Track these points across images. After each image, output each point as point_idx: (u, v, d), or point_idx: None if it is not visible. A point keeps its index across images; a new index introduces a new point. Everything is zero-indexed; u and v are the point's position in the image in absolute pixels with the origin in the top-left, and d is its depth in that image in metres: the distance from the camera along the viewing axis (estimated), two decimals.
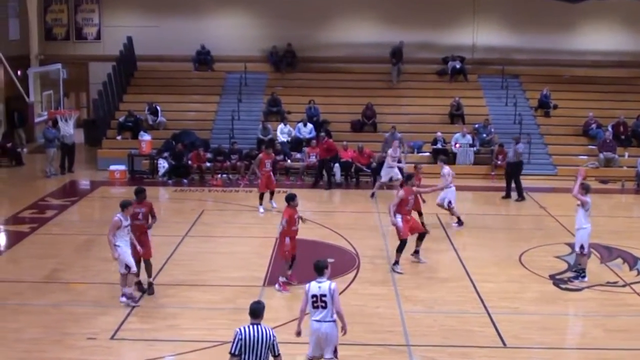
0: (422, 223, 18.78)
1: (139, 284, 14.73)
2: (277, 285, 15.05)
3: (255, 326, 9.13)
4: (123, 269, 13.96)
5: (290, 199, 15.20)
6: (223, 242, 18.92)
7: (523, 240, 19.34)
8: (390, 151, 23.80)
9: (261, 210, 21.46)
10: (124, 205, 14.04)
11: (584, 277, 15.98)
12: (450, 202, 20.31)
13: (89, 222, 21.13)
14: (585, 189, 15.89)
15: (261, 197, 21.63)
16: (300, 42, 33.23)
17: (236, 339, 9.03)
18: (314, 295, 10.56)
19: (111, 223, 13.91)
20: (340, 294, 14.41)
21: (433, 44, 33.24)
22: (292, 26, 33.20)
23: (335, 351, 10.70)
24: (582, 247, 15.91)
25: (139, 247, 14.29)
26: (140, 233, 14.52)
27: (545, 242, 19.03)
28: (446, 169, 20.59)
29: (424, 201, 19.44)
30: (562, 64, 33.31)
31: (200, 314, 13.91)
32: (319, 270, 10.72)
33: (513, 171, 24.12)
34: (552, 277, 16.30)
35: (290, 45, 33.14)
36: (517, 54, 33.53)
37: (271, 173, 21.90)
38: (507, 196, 24.08)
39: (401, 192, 16.66)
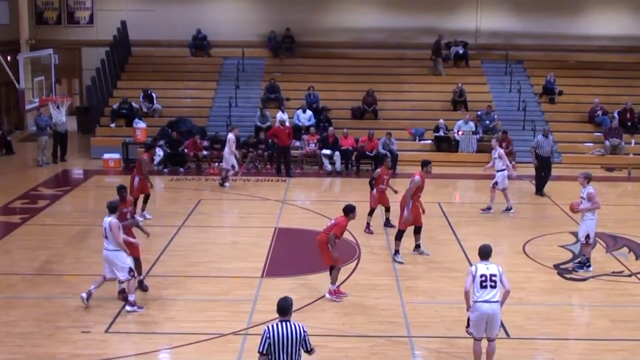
0: (387, 218, 19.10)
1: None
2: (327, 295, 14.30)
3: (284, 323, 9.02)
4: (128, 275, 13.64)
5: (351, 211, 14.36)
6: (220, 232, 18.97)
7: (527, 229, 19.38)
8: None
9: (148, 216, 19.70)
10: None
11: (589, 266, 16.04)
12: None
13: (82, 213, 21.13)
14: (588, 178, 15.94)
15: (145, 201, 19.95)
16: (299, 26, 33.17)
17: (264, 338, 8.93)
18: (482, 275, 11.09)
19: (117, 227, 13.43)
20: (340, 284, 14.65)
21: (435, 29, 33.10)
22: (290, 10, 33.17)
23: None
24: (587, 236, 15.93)
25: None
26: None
27: (549, 231, 19.08)
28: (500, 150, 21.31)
29: (395, 192, 19.18)
30: (568, 49, 33.27)
31: (198, 306, 13.95)
32: (487, 254, 11.35)
33: (548, 166, 23.24)
34: (556, 266, 16.37)
35: (288, 30, 33.09)
36: (521, 38, 33.48)
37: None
38: (539, 192, 23.26)
39: (417, 178, 16.57)
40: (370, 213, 18.87)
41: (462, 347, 12.27)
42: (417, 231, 16.99)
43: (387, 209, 19.10)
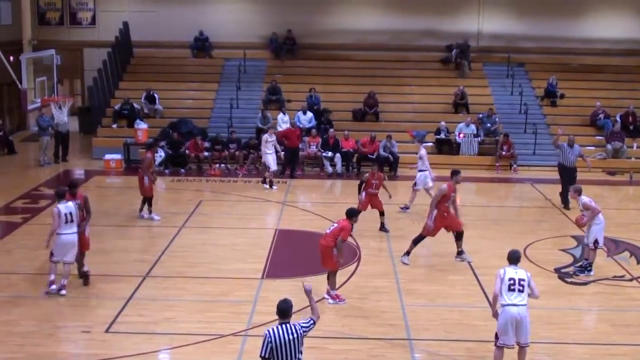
0: (382, 223, 19.05)
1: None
2: (330, 300, 14.25)
3: (284, 326, 9.01)
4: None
5: (355, 214, 14.31)
6: (221, 233, 18.95)
7: (528, 232, 19.35)
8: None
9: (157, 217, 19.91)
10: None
11: (590, 271, 16.02)
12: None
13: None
14: (578, 192, 15.99)
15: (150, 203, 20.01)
16: (300, 28, 33.17)
17: (266, 342, 8.91)
18: (511, 278, 11.18)
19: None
20: (340, 286, 14.64)
21: (437, 31, 33.12)
22: (292, 12, 33.17)
23: None
24: (596, 241, 15.89)
25: None
26: None
27: (550, 235, 19.06)
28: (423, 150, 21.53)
29: (389, 196, 19.42)
30: (570, 52, 33.18)
31: (198, 307, 13.95)
32: (516, 259, 11.54)
33: (572, 177, 21.95)
34: (557, 270, 16.36)
35: (290, 32, 33.08)
36: (523, 41, 33.43)
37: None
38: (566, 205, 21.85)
39: (444, 187, 16.47)
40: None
41: (462, 350, 12.27)
42: (459, 237, 16.83)
43: (382, 214, 19.06)
